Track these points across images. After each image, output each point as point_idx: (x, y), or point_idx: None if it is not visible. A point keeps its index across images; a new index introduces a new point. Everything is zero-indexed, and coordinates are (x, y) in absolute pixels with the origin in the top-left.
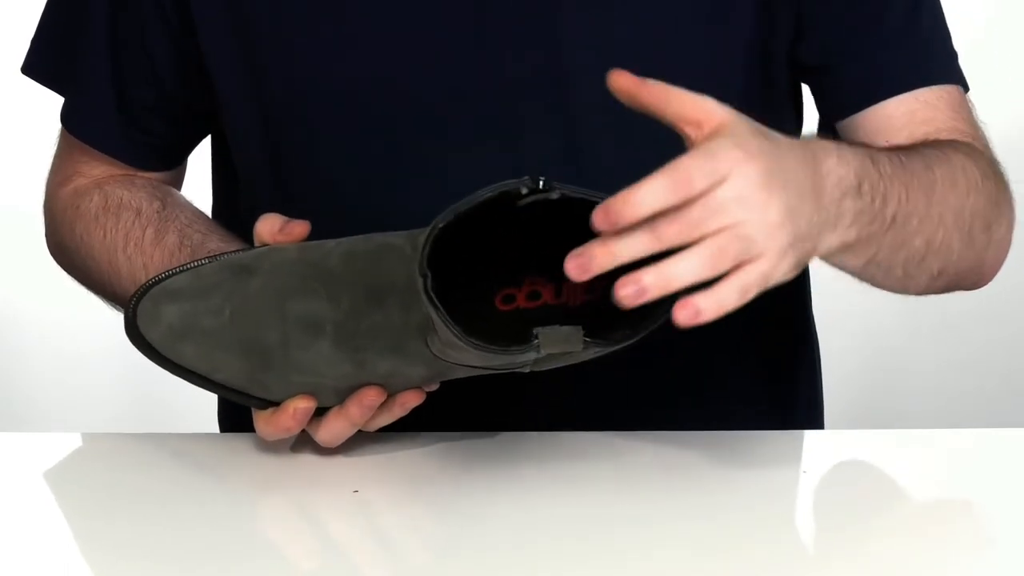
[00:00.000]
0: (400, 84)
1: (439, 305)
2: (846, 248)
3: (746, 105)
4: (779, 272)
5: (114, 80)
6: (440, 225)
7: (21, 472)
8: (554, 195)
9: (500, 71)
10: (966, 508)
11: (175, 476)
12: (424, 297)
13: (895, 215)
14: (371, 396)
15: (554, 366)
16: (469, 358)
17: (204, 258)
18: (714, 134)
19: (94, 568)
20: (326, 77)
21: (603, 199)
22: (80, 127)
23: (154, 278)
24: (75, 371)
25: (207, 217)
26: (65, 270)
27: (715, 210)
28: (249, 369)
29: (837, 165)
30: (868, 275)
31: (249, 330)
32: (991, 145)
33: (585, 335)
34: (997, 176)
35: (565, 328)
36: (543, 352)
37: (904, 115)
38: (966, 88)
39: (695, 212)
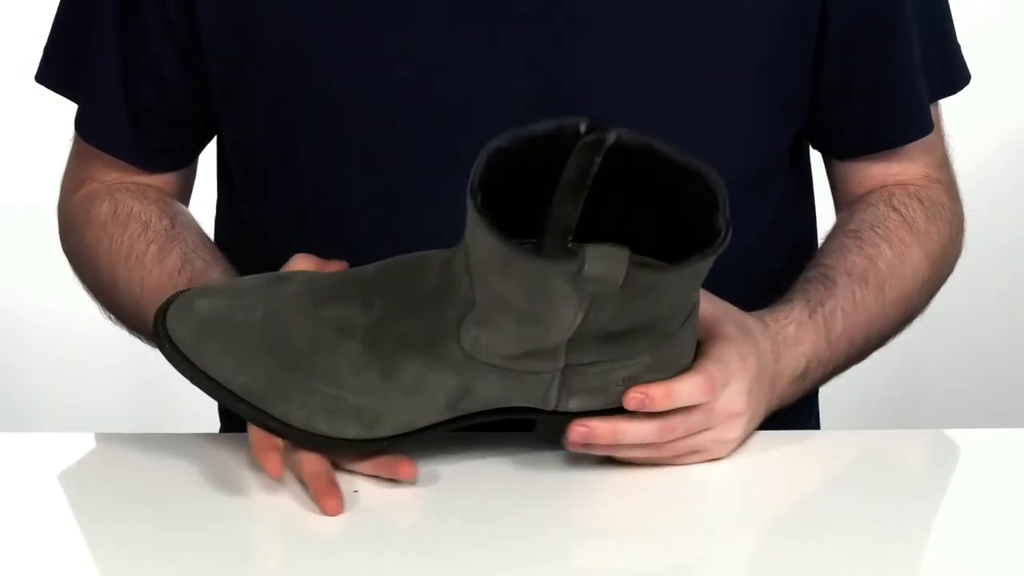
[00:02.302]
0: (404, 86)
1: (484, 212)
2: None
3: (748, 108)
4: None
5: (123, 84)
6: (496, 144)
7: (21, 472)
8: (611, 136)
9: (508, 76)
10: (966, 508)
11: (175, 476)
12: (473, 211)
13: (835, 369)
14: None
15: (579, 408)
16: (505, 342)
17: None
18: (715, 338)
19: (95, 568)
20: (327, 78)
21: (660, 147)
22: (91, 132)
23: (190, 288)
24: (76, 371)
25: (213, 245)
26: (76, 275)
27: (709, 417)
28: (272, 371)
29: (793, 357)
30: None
31: (279, 329)
32: (953, 173)
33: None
34: (947, 232)
35: (614, 248)
36: (586, 269)
37: (881, 170)
38: (965, 82)
39: (698, 420)
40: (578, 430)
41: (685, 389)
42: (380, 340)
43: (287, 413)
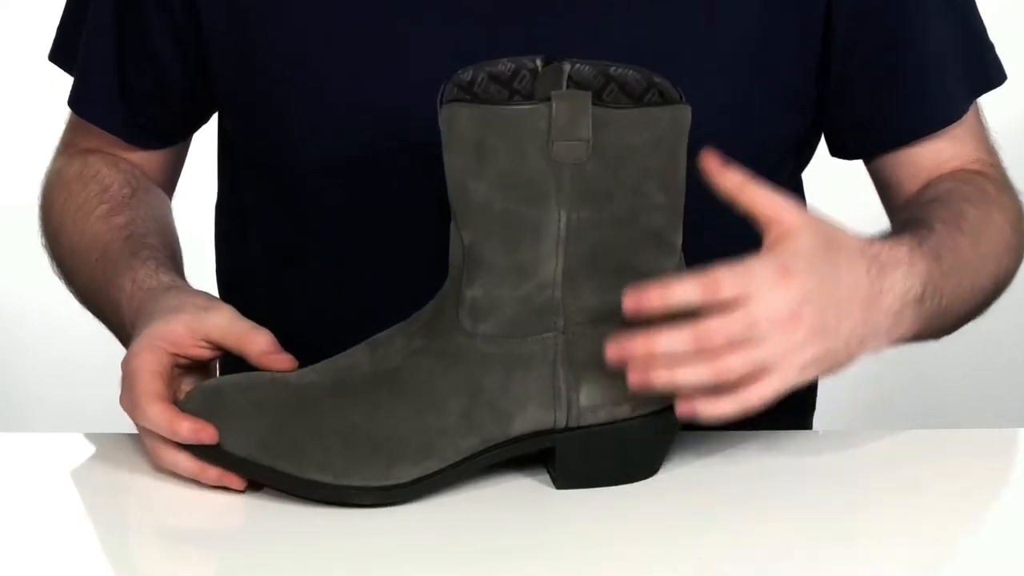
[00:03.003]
0: (398, 80)
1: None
2: (911, 338)
3: (745, 108)
4: (792, 384)
5: (116, 61)
6: (460, 74)
7: (21, 472)
8: (566, 66)
9: None
10: (966, 508)
11: (175, 476)
12: (446, 109)
13: (948, 304)
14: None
15: (591, 406)
16: (501, 288)
17: None
18: (779, 240)
19: (94, 567)
20: (320, 70)
21: (615, 69)
22: (81, 104)
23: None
24: (76, 371)
25: (166, 223)
26: (41, 236)
27: (750, 325)
28: (282, 419)
29: (905, 277)
30: None
31: (288, 385)
32: (1001, 159)
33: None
34: (1017, 209)
35: (578, 92)
36: (554, 110)
37: (932, 155)
38: (1001, 80)
39: (736, 326)
40: (613, 348)
41: (680, 285)
42: (387, 361)
43: (301, 457)
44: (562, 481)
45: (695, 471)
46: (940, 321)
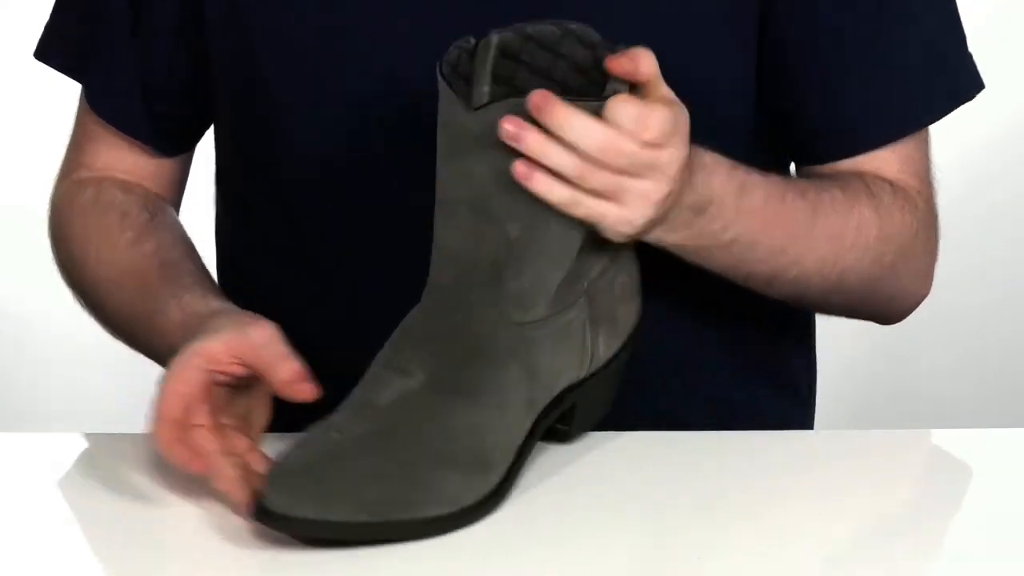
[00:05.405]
0: (390, 75)
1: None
2: (674, 246)
3: (751, 114)
4: (611, 225)
5: (138, 64)
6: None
7: (21, 472)
8: (494, 37)
9: None
10: (966, 508)
11: (175, 476)
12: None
13: (735, 239)
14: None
15: (607, 354)
16: (545, 270)
17: None
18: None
19: (94, 568)
20: (313, 69)
21: (530, 27)
22: (104, 108)
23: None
24: (76, 371)
25: (190, 243)
26: (55, 261)
27: (648, 164)
28: (385, 470)
29: (705, 182)
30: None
31: (335, 427)
32: (934, 196)
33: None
34: (914, 235)
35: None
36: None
37: (850, 168)
38: (953, 103)
39: (623, 162)
40: (510, 123)
41: (588, 125)
42: (443, 380)
43: (425, 499)
44: (576, 429)
45: (694, 471)
46: (724, 254)
